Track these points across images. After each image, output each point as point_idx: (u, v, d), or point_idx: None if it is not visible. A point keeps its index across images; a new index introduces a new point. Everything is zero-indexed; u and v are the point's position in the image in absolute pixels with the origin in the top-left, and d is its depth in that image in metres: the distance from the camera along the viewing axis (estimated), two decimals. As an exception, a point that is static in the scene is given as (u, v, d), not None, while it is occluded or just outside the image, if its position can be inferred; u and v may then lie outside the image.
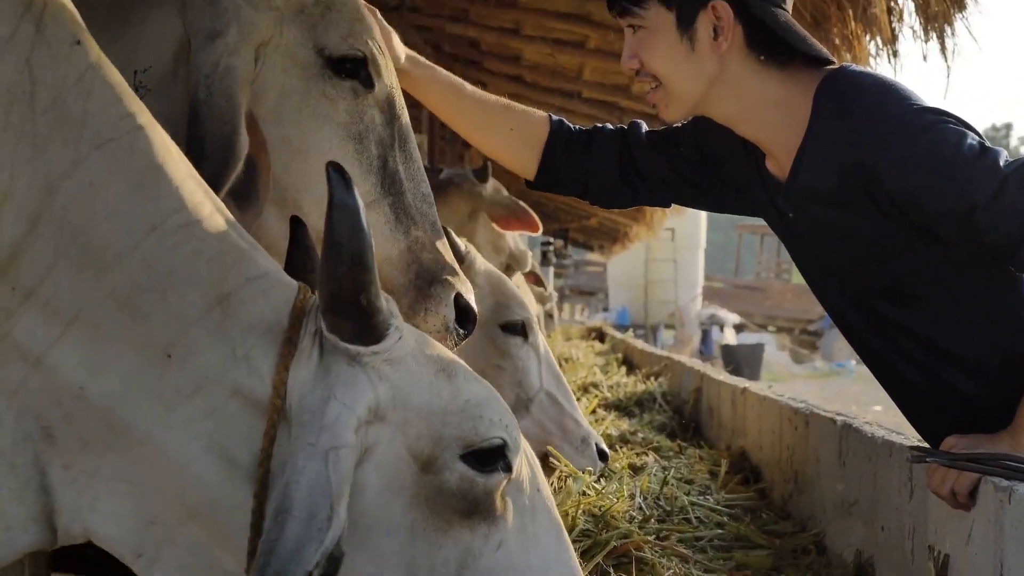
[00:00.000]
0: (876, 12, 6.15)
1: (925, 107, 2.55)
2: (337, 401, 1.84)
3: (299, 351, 1.89)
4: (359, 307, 1.83)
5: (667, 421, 6.57)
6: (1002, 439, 2.54)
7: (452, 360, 2.03)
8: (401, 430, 1.92)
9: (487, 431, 1.96)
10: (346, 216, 1.78)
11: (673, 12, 2.64)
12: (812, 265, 2.83)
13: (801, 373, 26.05)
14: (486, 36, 11.58)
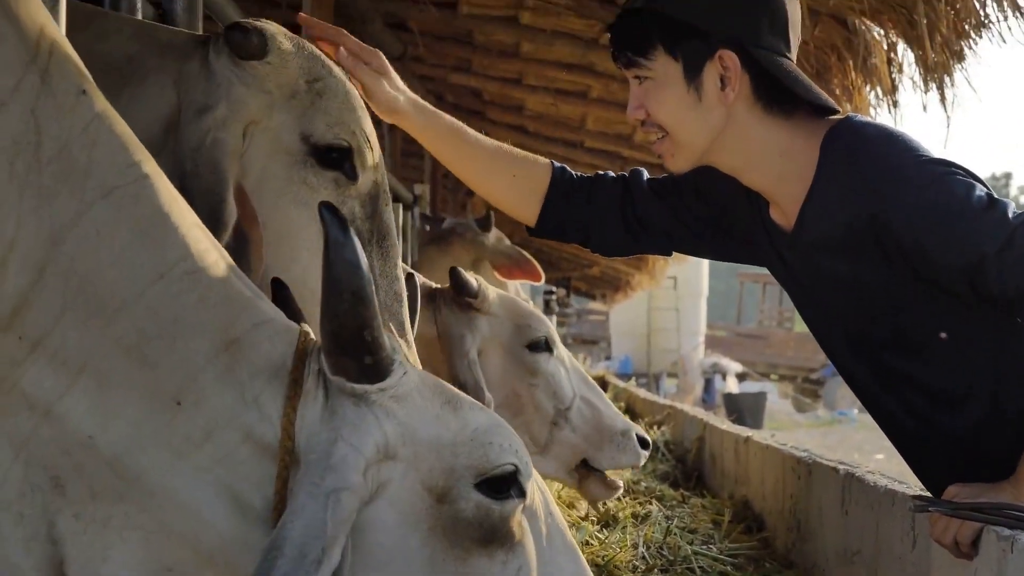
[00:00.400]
0: (876, 63, 6.19)
1: (933, 158, 2.56)
2: (344, 442, 1.84)
3: (305, 392, 1.89)
4: (363, 343, 1.84)
5: (670, 470, 6.57)
6: (1004, 489, 2.54)
7: (456, 392, 2.04)
8: (413, 465, 1.92)
9: (498, 458, 1.97)
10: (343, 254, 1.78)
11: (680, 63, 2.64)
12: (816, 314, 2.83)
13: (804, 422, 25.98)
14: (489, 86, 11.64)
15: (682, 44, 2.63)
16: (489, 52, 10.28)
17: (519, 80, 11.10)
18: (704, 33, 2.62)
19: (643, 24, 2.67)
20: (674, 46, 2.63)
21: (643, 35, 2.66)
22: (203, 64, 2.46)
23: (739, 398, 24.04)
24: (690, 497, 5.65)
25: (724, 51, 2.61)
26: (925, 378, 2.68)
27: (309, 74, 2.55)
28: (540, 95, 11.25)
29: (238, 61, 2.46)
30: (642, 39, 2.67)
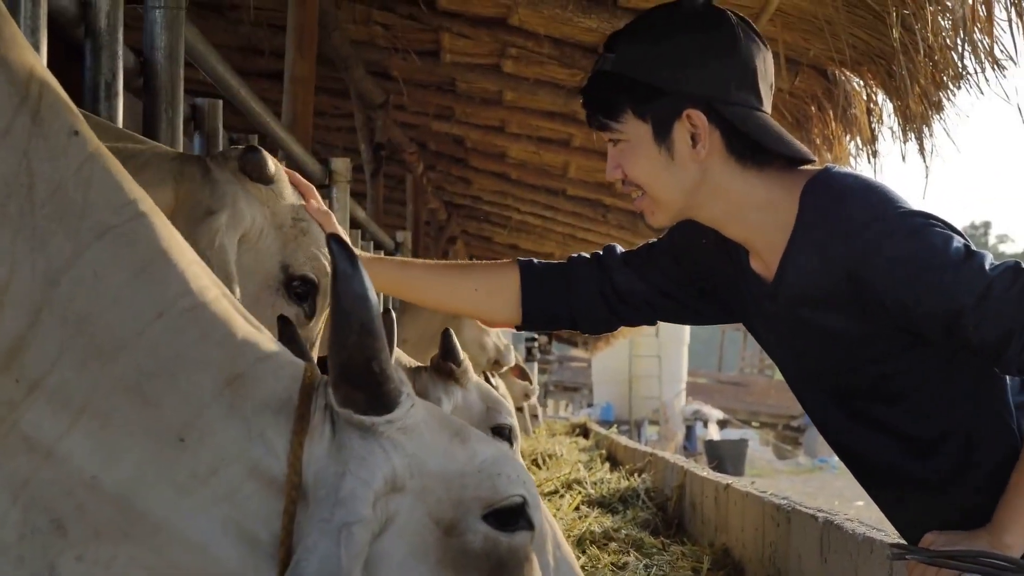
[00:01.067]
0: (856, 113, 6.24)
1: (911, 210, 2.57)
2: (352, 476, 1.84)
3: (312, 427, 1.89)
4: (371, 374, 1.84)
5: (651, 517, 6.56)
6: (981, 536, 2.54)
7: (463, 424, 2.05)
8: (421, 497, 1.92)
9: (506, 489, 1.97)
10: (352, 286, 1.79)
11: (649, 124, 2.64)
12: (793, 364, 2.84)
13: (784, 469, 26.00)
14: (471, 134, 11.69)
15: (649, 106, 2.64)
16: (472, 100, 10.33)
17: (502, 128, 11.16)
18: (670, 93, 2.63)
19: (611, 87, 2.68)
20: (642, 108, 2.64)
21: (611, 98, 2.68)
22: (205, 171, 2.59)
23: (720, 445, 24.06)
24: (670, 545, 5.64)
25: (690, 110, 2.62)
26: (901, 426, 2.69)
27: (296, 212, 2.72)
28: (523, 143, 11.30)
29: (242, 178, 2.60)
30: (611, 102, 2.68)
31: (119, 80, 2.97)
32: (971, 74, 4.92)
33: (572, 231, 14.45)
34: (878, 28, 5.26)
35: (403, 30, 8.60)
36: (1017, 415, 2.64)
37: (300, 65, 6.38)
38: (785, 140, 2.68)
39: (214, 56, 3.97)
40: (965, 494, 2.66)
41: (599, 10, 6.59)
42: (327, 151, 10.27)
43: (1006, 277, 2.44)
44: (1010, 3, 4.35)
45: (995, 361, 2.50)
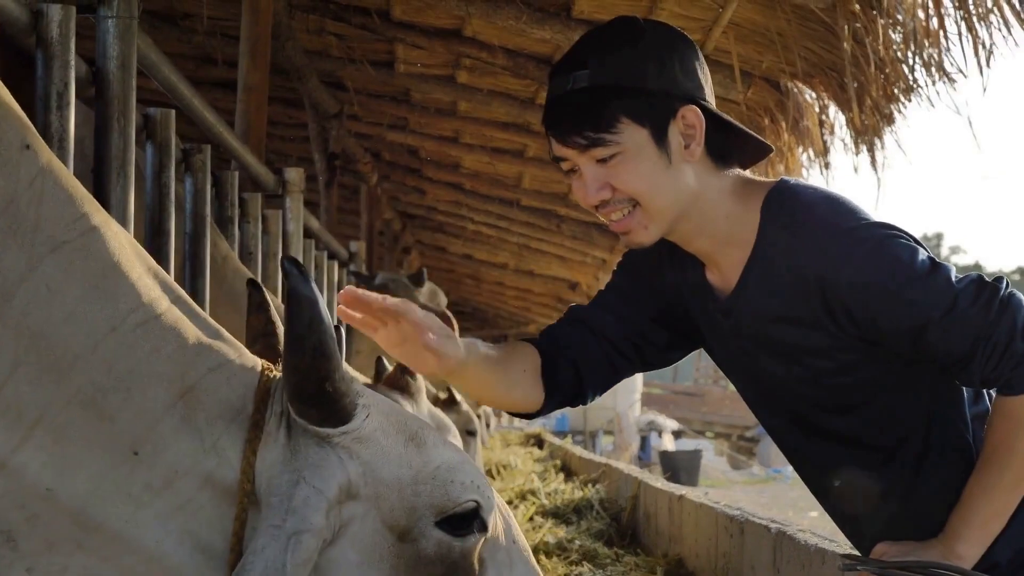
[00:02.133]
0: (808, 125, 6.29)
1: (876, 221, 2.57)
2: (306, 484, 1.86)
3: (266, 433, 1.90)
4: (324, 394, 1.86)
5: (604, 528, 6.56)
6: (934, 546, 2.55)
7: (421, 427, 2.05)
8: (375, 505, 1.93)
9: (459, 495, 1.99)
10: (305, 308, 1.81)
11: (647, 128, 2.59)
12: (749, 378, 2.82)
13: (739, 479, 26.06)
14: (426, 144, 11.68)
15: (645, 110, 2.58)
16: (426, 110, 10.32)
17: (456, 139, 11.14)
18: (662, 94, 2.60)
19: (598, 100, 2.59)
20: (639, 113, 2.57)
21: (601, 111, 2.58)
22: None
23: (675, 456, 24.09)
24: (624, 555, 5.65)
25: (685, 107, 2.61)
26: (857, 436, 2.69)
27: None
28: (477, 153, 11.30)
29: None
30: (602, 115, 2.58)
31: (71, 90, 2.95)
32: (922, 87, 4.97)
33: (526, 241, 14.45)
34: (829, 41, 5.30)
35: (357, 40, 8.59)
36: (972, 426, 2.65)
37: (253, 75, 6.36)
38: (751, 132, 2.70)
39: (167, 65, 3.94)
40: (919, 505, 2.67)
41: (553, 21, 6.61)
42: (281, 161, 10.24)
43: (970, 291, 2.46)
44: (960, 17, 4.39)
45: (958, 374, 2.52)
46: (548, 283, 16.98)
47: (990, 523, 2.52)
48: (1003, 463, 2.52)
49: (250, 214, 5.06)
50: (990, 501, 2.52)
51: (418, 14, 7.74)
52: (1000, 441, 2.52)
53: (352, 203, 13.37)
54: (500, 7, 6.65)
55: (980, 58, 4.43)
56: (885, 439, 2.68)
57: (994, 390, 2.55)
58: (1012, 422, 2.50)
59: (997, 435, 2.53)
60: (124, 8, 3.24)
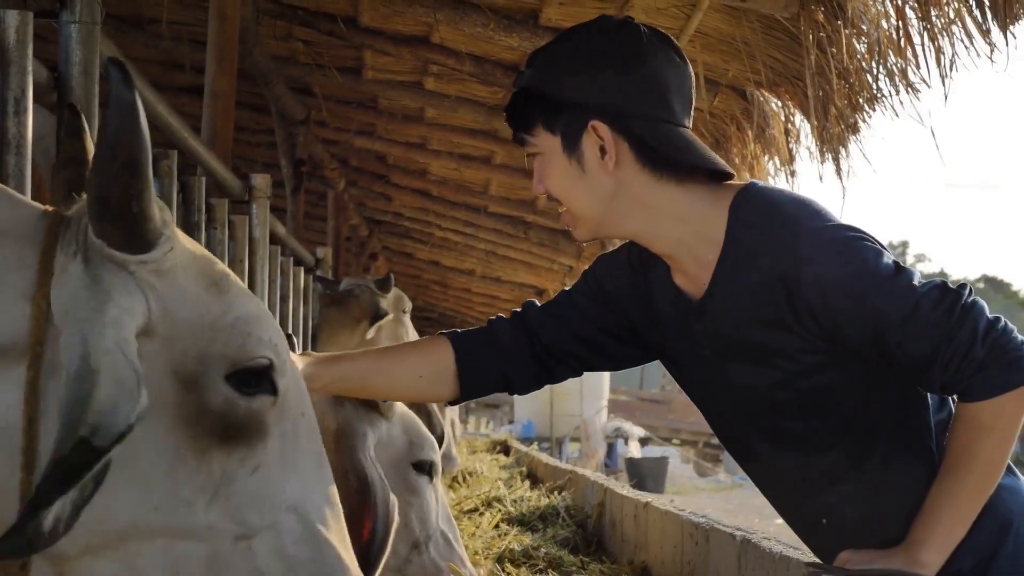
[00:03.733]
0: (774, 133, 6.32)
1: (842, 224, 2.59)
2: (115, 304, 1.72)
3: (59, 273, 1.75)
4: (130, 214, 1.72)
5: (570, 535, 6.56)
6: (896, 554, 2.56)
7: (226, 274, 1.93)
8: (166, 346, 1.81)
9: (254, 349, 1.87)
10: (122, 117, 1.67)
11: (558, 137, 2.69)
12: (713, 385, 2.82)
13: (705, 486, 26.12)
14: (393, 150, 11.67)
15: (557, 118, 2.68)
16: (394, 117, 10.32)
17: (423, 145, 11.15)
18: (575, 105, 2.67)
19: (525, 102, 2.73)
20: (551, 121, 2.69)
21: (525, 113, 2.73)
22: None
23: (641, 463, 24.11)
24: (590, 563, 5.65)
25: (594, 122, 2.65)
26: (822, 442, 2.70)
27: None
28: (444, 160, 11.31)
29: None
30: (525, 117, 2.73)
31: (28, 96, 2.93)
32: (886, 96, 4.99)
33: (493, 248, 14.47)
34: (795, 50, 5.33)
35: (325, 46, 8.58)
36: (936, 433, 2.67)
37: (220, 80, 6.33)
38: (697, 152, 2.69)
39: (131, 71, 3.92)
40: (882, 512, 2.68)
41: (520, 29, 6.62)
42: (247, 166, 10.21)
43: (932, 296, 2.47)
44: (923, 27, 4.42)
45: (920, 378, 2.54)
46: (515, 289, 16.99)
47: (953, 530, 2.53)
48: (965, 470, 2.53)
49: (216, 220, 5.03)
50: (953, 508, 2.53)
51: (386, 21, 7.75)
52: (962, 448, 2.53)
53: (319, 209, 13.35)
54: (467, 14, 6.65)
55: (943, 68, 4.46)
56: (849, 445, 2.68)
57: (955, 396, 2.57)
58: (973, 428, 2.51)
59: (959, 442, 2.54)
60: (87, 13, 3.23)
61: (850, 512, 2.72)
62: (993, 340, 2.45)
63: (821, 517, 2.78)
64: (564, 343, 2.96)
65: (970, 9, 4.23)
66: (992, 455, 2.53)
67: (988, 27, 4.20)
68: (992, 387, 2.46)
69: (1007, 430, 2.51)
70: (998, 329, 2.46)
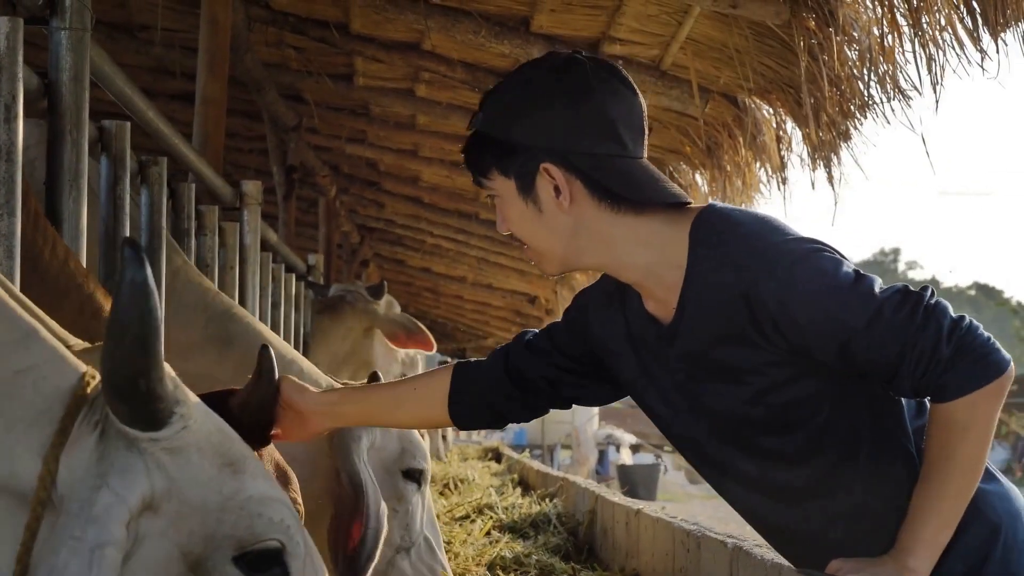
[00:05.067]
0: (766, 140, 6.32)
1: (801, 237, 2.61)
2: (109, 490, 1.74)
3: (73, 439, 1.78)
4: (136, 391, 1.74)
5: (562, 543, 6.55)
6: (886, 563, 2.56)
7: (244, 455, 1.93)
8: (174, 525, 1.81)
9: (264, 531, 1.86)
10: (135, 297, 1.70)
11: (512, 180, 2.70)
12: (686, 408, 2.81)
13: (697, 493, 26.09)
14: (384, 157, 11.67)
15: (510, 162, 2.69)
16: (385, 124, 10.32)
17: (415, 152, 11.15)
18: (526, 148, 2.67)
19: (478, 147, 2.75)
20: (504, 165, 2.70)
21: (479, 157, 2.75)
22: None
23: (633, 470, 24.13)
24: (581, 570, 5.64)
25: (546, 164, 2.66)
26: (801, 455, 2.70)
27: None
28: (435, 167, 11.31)
29: None
30: (479, 161, 2.75)
31: (19, 102, 2.92)
32: (877, 103, 5.00)
33: (484, 255, 14.47)
34: (786, 57, 5.34)
35: (316, 53, 8.58)
36: (916, 439, 2.67)
37: (211, 87, 6.33)
38: (649, 186, 2.69)
39: (121, 77, 3.92)
40: (866, 521, 2.68)
41: (511, 36, 6.62)
42: (239, 173, 10.19)
43: (894, 300, 2.48)
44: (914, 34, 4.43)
45: (889, 384, 2.54)
46: (507, 297, 16.99)
47: (939, 534, 2.54)
48: (945, 472, 2.53)
49: (207, 227, 5.03)
50: (937, 513, 2.53)
51: (377, 27, 7.74)
52: (940, 450, 2.54)
53: (310, 216, 13.34)
54: (459, 21, 6.65)
55: (934, 75, 4.47)
56: (827, 457, 2.68)
57: (928, 399, 2.57)
58: (949, 429, 2.51)
59: (936, 444, 2.54)
60: (77, 20, 3.23)
61: (833, 523, 2.72)
62: (959, 339, 2.45)
63: (801, 531, 2.78)
64: (542, 380, 2.97)
65: (961, 16, 4.25)
66: (970, 454, 2.53)
67: (979, 34, 4.21)
68: (962, 385, 2.47)
69: (983, 428, 2.52)
70: (963, 327, 2.47)
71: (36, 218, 2.71)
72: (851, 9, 4.74)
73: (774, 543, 2.95)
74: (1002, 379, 2.49)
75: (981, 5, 4.11)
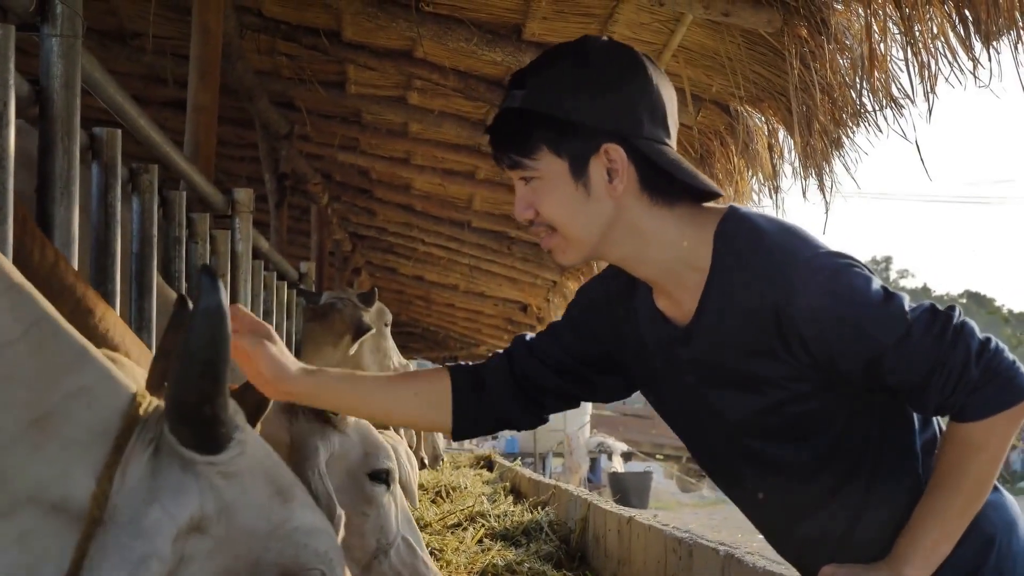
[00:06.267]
0: (758, 148, 6.32)
1: (831, 251, 2.57)
2: (159, 506, 1.77)
3: (126, 458, 1.81)
4: (202, 416, 1.78)
5: (554, 550, 6.55)
6: (880, 570, 2.55)
7: (293, 483, 1.97)
8: (221, 548, 1.84)
9: (308, 561, 1.90)
10: (208, 325, 1.73)
11: (565, 160, 2.58)
12: (694, 409, 2.80)
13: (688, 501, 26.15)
14: (377, 165, 11.66)
15: (566, 142, 2.58)
16: (377, 131, 10.31)
17: (407, 160, 11.14)
18: (586, 129, 2.58)
19: (524, 124, 2.61)
20: (558, 144, 2.58)
21: (525, 135, 2.61)
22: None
23: (624, 478, 24.14)
24: (573, 578, 5.64)
25: (608, 145, 2.57)
26: (807, 465, 2.69)
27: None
28: (428, 175, 11.29)
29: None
30: (524, 139, 2.61)
31: (11, 109, 2.91)
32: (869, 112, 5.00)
33: (477, 263, 14.45)
34: (778, 65, 5.33)
35: (308, 61, 8.58)
36: (922, 455, 2.66)
37: (203, 94, 6.32)
38: (697, 175, 2.67)
39: (112, 85, 3.91)
40: (865, 532, 2.67)
41: (503, 44, 6.62)
42: (230, 181, 10.18)
43: (924, 319, 2.47)
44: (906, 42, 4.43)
45: (913, 402, 2.53)
46: (499, 305, 16.97)
47: (939, 547, 2.53)
48: (954, 487, 2.52)
49: (198, 234, 5.02)
50: (940, 525, 2.52)
51: (369, 35, 7.74)
52: (952, 466, 2.53)
53: (302, 224, 13.33)
54: (451, 29, 6.65)
55: (926, 84, 4.47)
56: (835, 468, 2.67)
57: (947, 417, 2.56)
58: (965, 447, 2.51)
59: (949, 460, 2.53)
60: (68, 27, 3.22)
61: (835, 533, 2.71)
62: (987, 361, 2.45)
63: (806, 538, 2.78)
64: (548, 379, 2.93)
65: (953, 24, 4.24)
66: (981, 474, 2.52)
67: (971, 42, 4.21)
68: (986, 408, 2.46)
69: (997, 449, 2.51)
70: (991, 350, 2.46)
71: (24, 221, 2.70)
72: (843, 17, 4.74)
73: (777, 548, 2.94)
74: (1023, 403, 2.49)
75: (973, 13, 4.12)
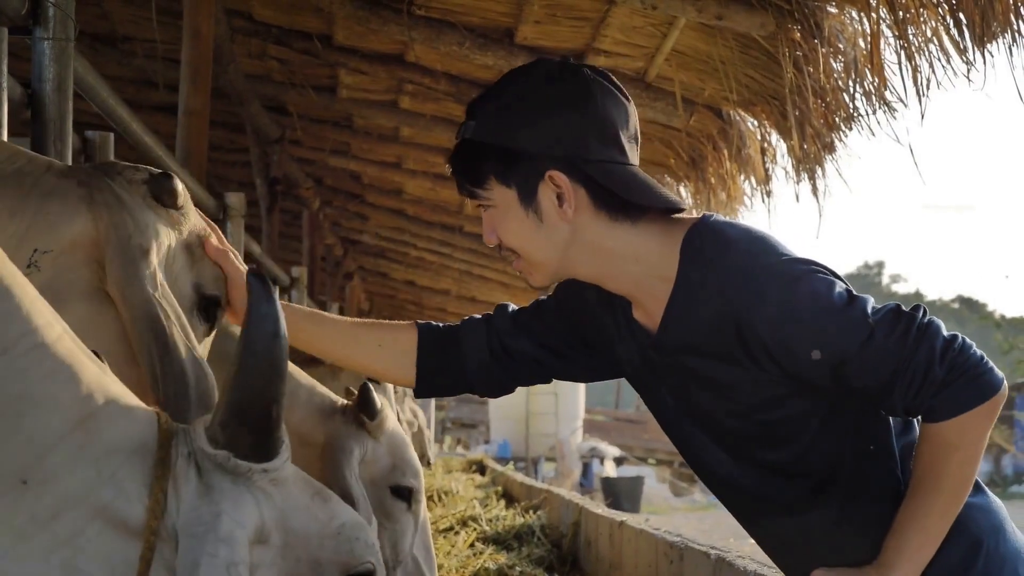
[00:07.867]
0: (750, 152, 6.32)
1: (794, 257, 2.58)
2: (228, 517, 1.79)
3: (176, 473, 1.82)
4: (268, 419, 1.81)
5: (545, 555, 6.55)
6: (867, 574, 2.56)
7: (321, 485, 2.03)
8: (282, 554, 1.88)
9: (362, 554, 1.96)
10: (267, 325, 1.77)
11: (514, 189, 2.63)
12: (676, 412, 2.81)
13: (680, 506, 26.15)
14: (368, 169, 11.66)
15: (512, 171, 2.63)
16: (369, 136, 10.31)
17: (398, 164, 11.14)
18: (531, 156, 2.61)
19: (474, 155, 2.67)
20: (505, 174, 2.63)
21: (476, 166, 2.67)
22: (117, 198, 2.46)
23: (616, 482, 24.13)
24: (565, 583, 5.64)
25: (552, 171, 2.60)
26: (787, 470, 2.69)
27: (201, 231, 2.65)
28: (419, 179, 11.30)
29: (153, 204, 2.50)
30: (475, 170, 2.67)
31: (3, 112, 2.91)
32: (862, 115, 5.01)
33: (468, 267, 14.46)
34: (771, 69, 5.34)
35: (299, 65, 8.57)
36: (902, 456, 2.66)
37: (194, 99, 6.31)
38: (653, 192, 2.67)
39: (104, 89, 3.91)
40: (849, 534, 2.67)
41: (495, 47, 6.62)
42: (222, 185, 10.16)
43: (887, 321, 2.46)
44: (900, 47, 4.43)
45: (882, 404, 2.53)
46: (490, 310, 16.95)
47: (923, 549, 2.53)
48: (933, 489, 2.52)
49: (190, 238, 5.01)
50: (922, 528, 2.53)
51: (360, 39, 7.74)
52: (929, 468, 2.53)
53: (294, 228, 13.33)
54: (443, 33, 6.65)
55: (919, 87, 4.47)
56: (815, 471, 2.68)
57: (919, 418, 2.57)
58: (939, 448, 2.50)
59: (925, 462, 2.53)
60: (60, 30, 3.21)
61: (820, 535, 2.72)
62: (952, 359, 2.44)
63: (793, 541, 2.78)
64: (529, 351, 2.96)
65: (947, 28, 4.25)
66: (959, 474, 2.52)
67: (965, 46, 4.22)
68: (955, 406, 2.45)
69: (973, 448, 2.51)
70: (956, 347, 2.45)
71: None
72: (837, 21, 4.74)
73: (766, 550, 2.94)
74: (995, 399, 2.47)
75: (967, 16, 4.12)
